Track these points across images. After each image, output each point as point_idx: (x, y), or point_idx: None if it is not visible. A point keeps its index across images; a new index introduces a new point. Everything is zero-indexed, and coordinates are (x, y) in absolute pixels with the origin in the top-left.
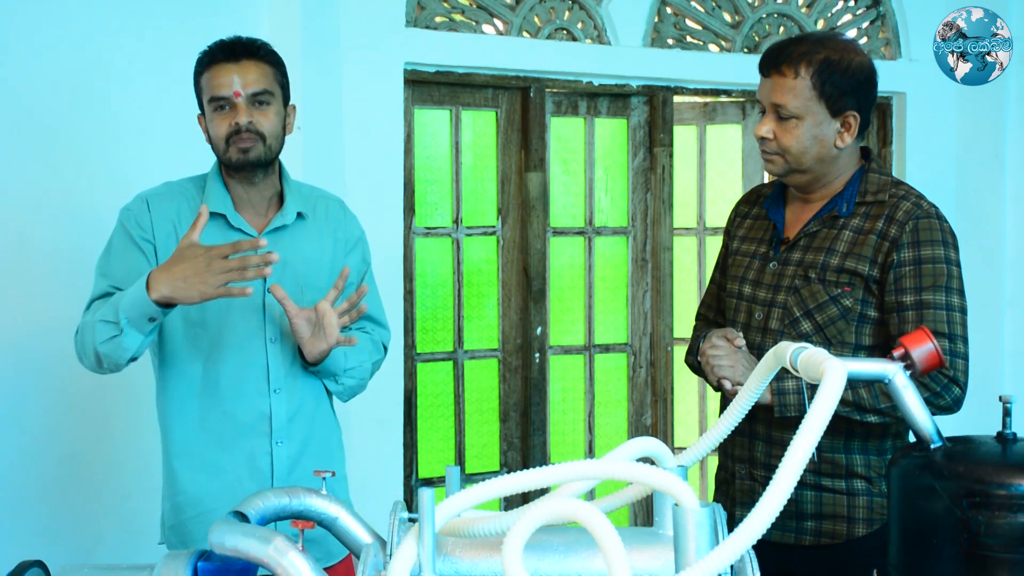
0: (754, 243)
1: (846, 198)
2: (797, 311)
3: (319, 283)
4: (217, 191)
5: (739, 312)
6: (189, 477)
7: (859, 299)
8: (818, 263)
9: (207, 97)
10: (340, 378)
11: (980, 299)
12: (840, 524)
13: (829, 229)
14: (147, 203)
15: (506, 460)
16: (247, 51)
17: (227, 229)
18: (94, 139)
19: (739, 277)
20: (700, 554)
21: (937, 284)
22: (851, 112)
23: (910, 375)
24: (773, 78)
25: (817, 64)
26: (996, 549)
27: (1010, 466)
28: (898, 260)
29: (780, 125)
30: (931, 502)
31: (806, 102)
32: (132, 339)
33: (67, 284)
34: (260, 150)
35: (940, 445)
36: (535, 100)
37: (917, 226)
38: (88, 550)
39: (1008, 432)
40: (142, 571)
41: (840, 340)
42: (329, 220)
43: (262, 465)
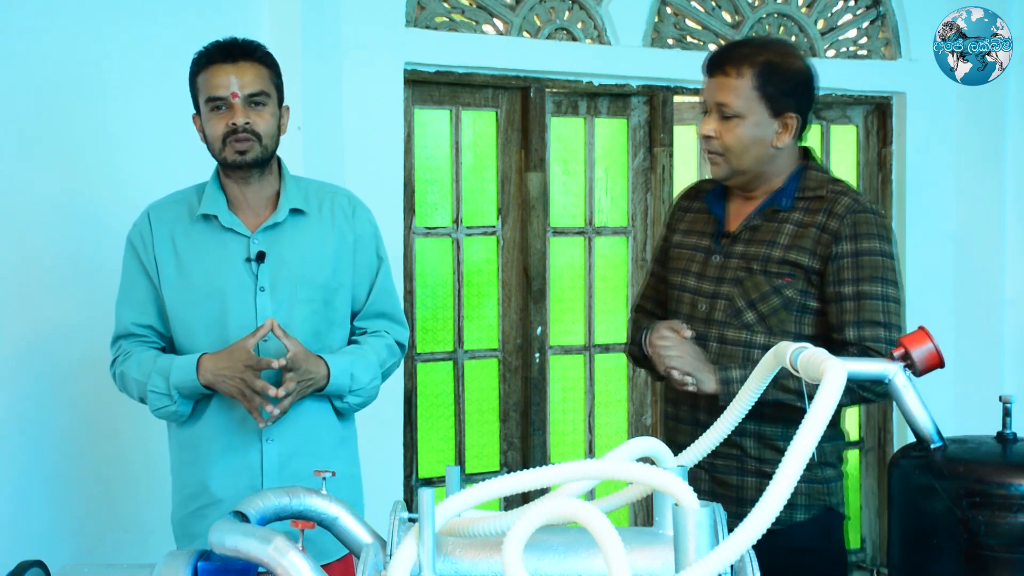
0: (696, 236)
1: (786, 193)
2: (740, 302)
3: (317, 280)
4: (212, 193)
5: (683, 304)
6: (189, 473)
7: (800, 290)
8: (760, 255)
9: (204, 97)
10: (346, 398)
11: (980, 299)
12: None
13: (770, 223)
14: (148, 215)
15: (506, 460)
16: (244, 52)
17: (220, 230)
18: (94, 140)
19: (682, 270)
20: (700, 554)
21: (875, 276)
22: (790, 113)
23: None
24: (717, 78)
25: (759, 65)
26: (996, 549)
27: (1010, 466)
28: (838, 253)
29: (723, 124)
30: (931, 502)
31: (748, 101)
32: (185, 407)
33: (68, 286)
34: (257, 150)
35: (940, 445)
36: (535, 100)
37: (856, 220)
38: (88, 550)
39: (1008, 432)
40: (142, 571)
41: (782, 330)
42: (335, 215)
43: (252, 462)
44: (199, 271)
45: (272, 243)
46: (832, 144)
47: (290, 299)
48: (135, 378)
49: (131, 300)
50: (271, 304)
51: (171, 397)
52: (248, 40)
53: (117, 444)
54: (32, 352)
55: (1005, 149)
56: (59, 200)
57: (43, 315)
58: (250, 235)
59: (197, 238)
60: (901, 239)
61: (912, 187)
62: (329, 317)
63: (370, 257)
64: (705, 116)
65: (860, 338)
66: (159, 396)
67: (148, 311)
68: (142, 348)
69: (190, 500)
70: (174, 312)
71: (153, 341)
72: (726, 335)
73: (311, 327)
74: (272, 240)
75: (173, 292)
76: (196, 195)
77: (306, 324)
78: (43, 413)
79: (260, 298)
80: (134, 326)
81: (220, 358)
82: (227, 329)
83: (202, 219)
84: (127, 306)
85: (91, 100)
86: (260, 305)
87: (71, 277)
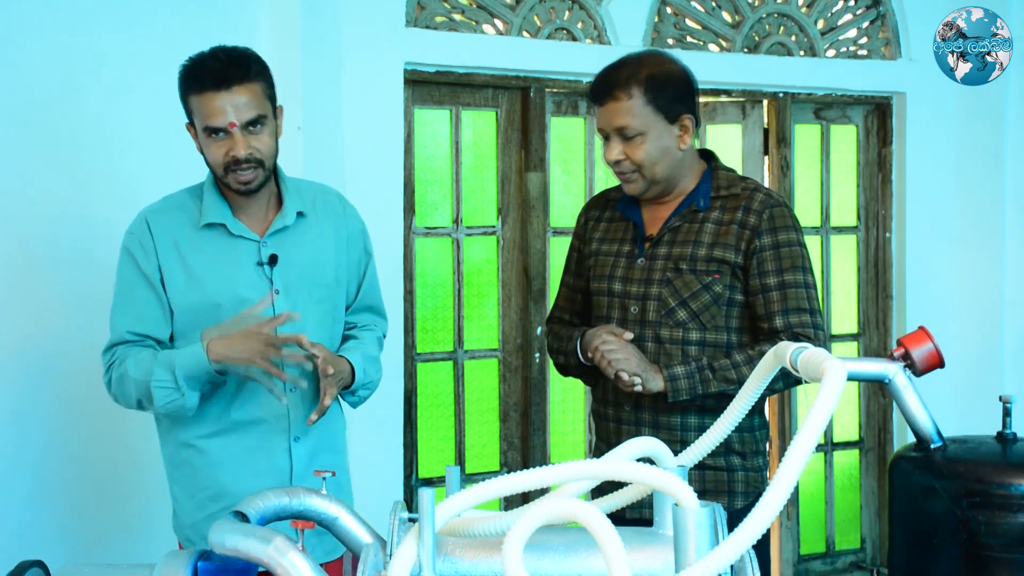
0: (615, 243)
1: (701, 193)
2: (672, 301)
3: (325, 279)
4: (214, 202)
5: (613, 309)
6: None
7: (727, 285)
8: (687, 255)
9: (200, 123)
10: (358, 391)
11: (980, 299)
12: (722, 498)
13: (691, 223)
14: (147, 221)
15: (506, 460)
16: (237, 75)
17: (228, 237)
18: (93, 140)
19: (606, 276)
20: (700, 554)
21: (795, 265)
22: (685, 115)
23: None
24: (608, 105)
25: (644, 81)
26: (996, 549)
27: (1010, 466)
28: (759, 246)
29: (627, 145)
30: (931, 502)
31: (644, 118)
32: (192, 399)
33: (68, 285)
34: (261, 176)
35: (940, 445)
36: (535, 100)
37: (772, 214)
38: (88, 550)
39: (1008, 432)
40: (142, 571)
41: (714, 324)
42: (329, 214)
43: (280, 462)
44: (212, 279)
45: (280, 246)
46: (832, 144)
47: (305, 300)
48: (134, 377)
49: (127, 309)
50: (288, 306)
51: (178, 389)
52: (238, 56)
53: (117, 444)
54: (32, 351)
55: (1005, 149)
56: (56, 199)
57: (43, 314)
58: (259, 240)
59: (204, 246)
60: (901, 239)
61: (912, 187)
62: (335, 315)
63: (360, 253)
64: (606, 142)
65: (788, 325)
66: (165, 390)
67: (145, 320)
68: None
69: (209, 502)
70: (186, 320)
71: (149, 347)
72: (661, 334)
73: (326, 327)
74: (279, 243)
75: (184, 300)
76: (192, 200)
77: (322, 324)
78: (43, 413)
79: (277, 301)
80: (129, 334)
81: (232, 340)
82: None
83: (206, 227)
84: (123, 315)
85: (90, 99)
86: (278, 308)
87: (72, 278)
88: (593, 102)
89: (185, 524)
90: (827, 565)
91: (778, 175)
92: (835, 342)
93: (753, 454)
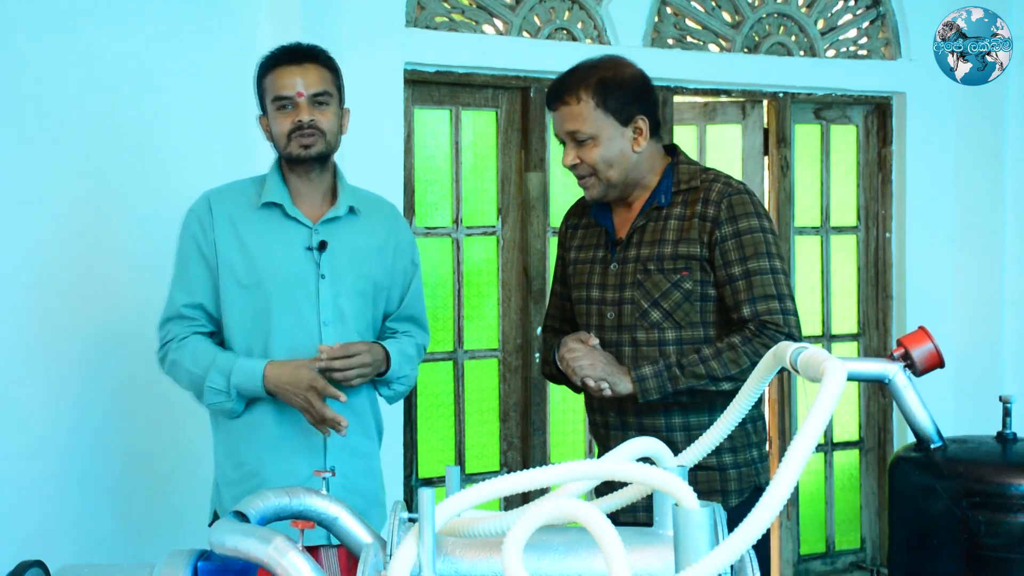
0: (591, 250)
1: (662, 189)
2: (645, 303)
3: (370, 274)
4: (276, 184)
5: (591, 316)
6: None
7: (697, 280)
8: (654, 255)
9: (271, 96)
10: (392, 384)
11: (980, 299)
12: (716, 498)
13: (655, 222)
14: (209, 201)
15: (506, 460)
16: (309, 55)
17: (283, 218)
18: (92, 140)
19: (584, 283)
20: (700, 554)
21: (759, 252)
22: (639, 117)
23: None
24: (560, 110)
25: (594, 85)
26: (996, 549)
27: (1010, 466)
28: (720, 236)
29: (581, 149)
30: (931, 502)
31: (595, 122)
32: (240, 405)
33: (66, 282)
34: (321, 145)
35: (940, 445)
36: (535, 100)
37: (731, 202)
38: (88, 550)
39: (1008, 432)
40: (142, 571)
41: (689, 322)
42: (382, 220)
43: (315, 443)
44: (262, 256)
45: (331, 235)
46: (832, 144)
47: (348, 289)
48: (190, 369)
49: (184, 282)
50: (331, 291)
51: (229, 395)
52: (312, 44)
53: (118, 444)
54: (32, 351)
55: (1005, 149)
56: (91, 195)
57: (44, 315)
58: (312, 226)
59: (260, 225)
60: (901, 239)
61: (912, 187)
62: (374, 313)
63: (407, 263)
64: (564, 148)
65: (756, 313)
66: (216, 392)
67: (201, 291)
68: (196, 336)
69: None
70: (233, 294)
71: (202, 324)
72: (637, 337)
73: (366, 318)
74: (331, 233)
75: (234, 275)
76: (254, 185)
77: (362, 314)
78: (42, 412)
79: (322, 285)
80: (185, 307)
81: (284, 371)
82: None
83: (264, 207)
84: (180, 288)
85: (89, 99)
86: (322, 291)
87: (75, 277)
88: (548, 107)
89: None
90: (827, 565)
91: (778, 175)
92: (835, 342)
93: (745, 448)
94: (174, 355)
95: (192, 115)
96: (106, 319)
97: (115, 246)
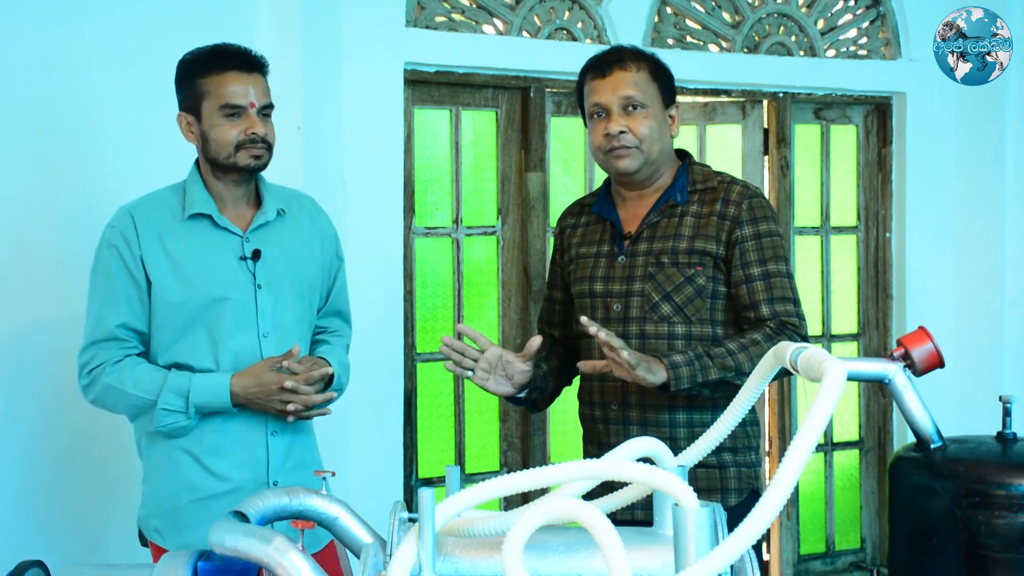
0: (594, 245)
1: (678, 188)
2: (656, 296)
3: (307, 276)
4: (199, 194)
5: (596, 309)
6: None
7: (710, 276)
8: (667, 249)
9: (218, 102)
10: None
11: (980, 299)
12: (715, 496)
13: (670, 218)
14: (131, 215)
15: (506, 460)
16: (258, 64)
17: (212, 228)
18: (91, 139)
19: (587, 277)
20: (700, 554)
21: (777, 255)
22: (674, 105)
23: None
24: (617, 75)
25: (650, 60)
26: (996, 549)
27: (1010, 466)
28: (740, 236)
29: (630, 118)
30: (931, 502)
31: (650, 92)
32: (195, 422)
33: (65, 282)
34: (267, 158)
35: (940, 445)
36: (535, 100)
37: (752, 204)
38: (88, 550)
39: (1008, 432)
40: (142, 571)
41: (699, 318)
42: (309, 216)
43: (259, 455)
44: (196, 271)
45: (262, 242)
46: (832, 144)
47: (287, 296)
48: (131, 393)
49: (115, 303)
50: (270, 301)
51: (187, 415)
52: (253, 51)
53: (117, 444)
54: (30, 350)
55: (1005, 149)
56: (53, 198)
57: (40, 313)
58: (242, 234)
59: (189, 238)
60: (901, 239)
61: (912, 187)
62: (311, 314)
63: (332, 257)
64: (598, 120)
65: (775, 314)
66: (171, 414)
67: (131, 311)
68: (131, 359)
69: (186, 491)
70: (165, 312)
71: (134, 346)
72: (646, 330)
73: (304, 324)
74: (262, 239)
75: (167, 292)
76: (174, 195)
77: (301, 320)
78: (42, 412)
79: (259, 295)
80: (120, 329)
81: (249, 380)
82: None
83: (191, 219)
84: (112, 308)
85: (89, 98)
86: (260, 302)
87: (68, 274)
88: (594, 74)
89: (153, 515)
90: (827, 565)
91: (778, 175)
92: (835, 342)
93: (745, 449)
94: (108, 380)
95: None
96: None
97: None
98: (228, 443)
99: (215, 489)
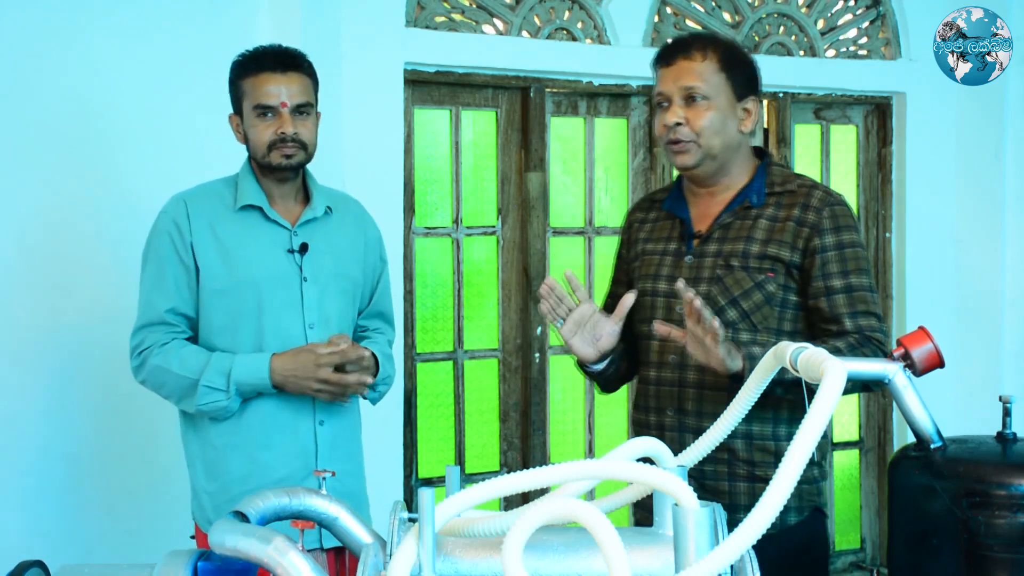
0: (662, 242)
1: (755, 189)
2: (722, 299)
3: (351, 273)
4: (251, 187)
5: (657, 308)
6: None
7: (781, 284)
8: (738, 251)
9: (252, 103)
10: (378, 386)
11: (980, 299)
12: None
13: (743, 220)
14: (184, 202)
15: (506, 460)
16: (294, 63)
17: (263, 221)
18: (92, 138)
19: (652, 275)
20: (700, 554)
21: (860, 268)
22: (751, 98)
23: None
24: (680, 64)
25: (722, 49)
26: (996, 549)
27: (1010, 466)
28: (822, 245)
29: (690, 110)
30: (931, 502)
31: (715, 83)
32: (236, 403)
33: (67, 283)
34: (302, 157)
35: (940, 445)
36: (535, 100)
37: (834, 212)
38: (88, 550)
39: (1008, 432)
40: (142, 571)
41: (765, 326)
42: (355, 218)
43: (307, 444)
44: (245, 260)
45: (310, 237)
46: (832, 144)
47: (332, 291)
48: (177, 374)
49: (165, 287)
50: (315, 294)
51: (227, 393)
52: (294, 50)
53: (118, 444)
54: (32, 353)
55: (1005, 149)
56: (67, 198)
57: (44, 315)
58: (291, 228)
59: (239, 228)
60: (901, 239)
61: (912, 187)
62: (354, 312)
63: (376, 260)
64: (661, 110)
65: (859, 328)
66: (213, 391)
67: (181, 297)
68: (178, 341)
69: (237, 484)
70: (213, 299)
71: (183, 330)
72: None
73: (348, 319)
74: (310, 234)
75: (215, 279)
76: (227, 187)
77: (344, 315)
78: (42, 414)
79: (305, 288)
80: (169, 314)
81: (288, 361)
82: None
83: (242, 210)
84: (161, 293)
85: (90, 98)
86: (306, 294)
87: (72, 278)
88: (660, 62)
89: (207, 507)
90: None
91: None
92: None
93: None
94: (156, 360)
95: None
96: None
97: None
98: (277, 435)
99: (265, 480)
